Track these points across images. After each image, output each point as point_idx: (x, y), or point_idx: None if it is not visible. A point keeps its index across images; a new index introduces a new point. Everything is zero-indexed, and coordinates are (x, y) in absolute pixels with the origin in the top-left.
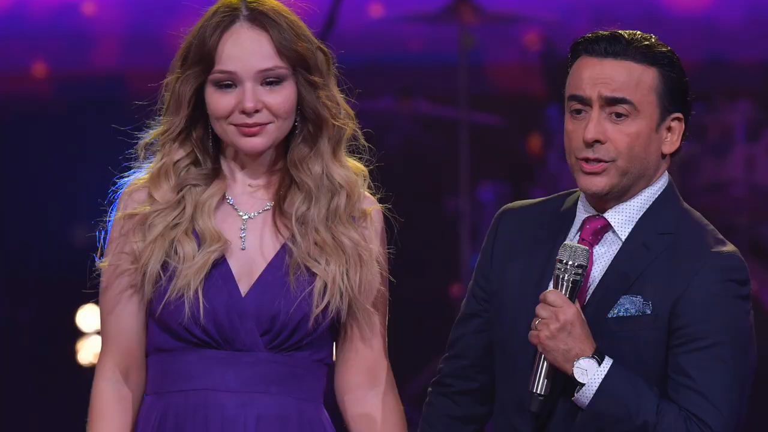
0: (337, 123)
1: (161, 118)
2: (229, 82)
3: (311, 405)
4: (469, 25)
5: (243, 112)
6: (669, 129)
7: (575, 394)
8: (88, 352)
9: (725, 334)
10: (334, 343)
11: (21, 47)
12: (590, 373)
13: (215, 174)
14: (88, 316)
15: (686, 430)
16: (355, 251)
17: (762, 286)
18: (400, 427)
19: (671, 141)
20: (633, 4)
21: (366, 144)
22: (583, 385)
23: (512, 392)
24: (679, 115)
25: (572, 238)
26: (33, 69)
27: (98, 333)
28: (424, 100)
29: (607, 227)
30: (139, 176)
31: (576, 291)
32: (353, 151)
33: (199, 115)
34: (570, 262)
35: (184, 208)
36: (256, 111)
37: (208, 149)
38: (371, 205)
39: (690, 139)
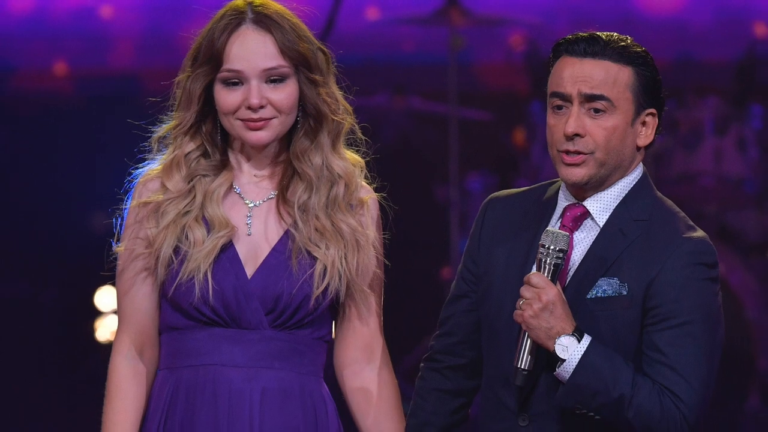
0: (336, 118)
1: (173, 113)
2: (236, 80)
3: (312, 379)
4: (458, 27)
5: (249, 107)
6: (643, 123)
7: (557, 369)
8: (105, 330)
9: (695, 314)
10: (334, 322)
11: (44, 48)
12: (570, 349)
13: (223, 165)
14: (105, 297)
15: (659, 402)
16: (353, 236)
17: (729, 269)
18: (394, 399)
19: (645, 134)
20: (610, 7)
21: (363, 137)
22: (563, 360)
23: (498, 367)
24: (653, 110)
25: (554, 225)
26: (55, 68)
27: (115, 312)
28: (416, 96)
29: (586, 214)
30: (152, 167)
31: (557, 273)
32: (351, 144)
33: (208, 110)
34: (552, 247)
35: (194, 197)
36: (261, 107)
37: (217, 142)
38: (368, 194)
39: (663, 133)
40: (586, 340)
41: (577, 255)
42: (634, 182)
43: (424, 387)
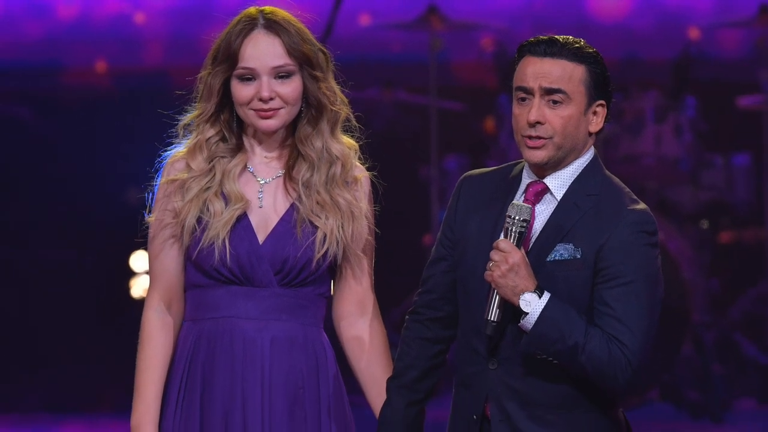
0: (334, 108)
1: (196, 104)
2: (250, 76)
3: (314, 329)
4: (438, 31)
5: (260, 99)
6: (594, 113)
7: (521, 321)
8: (138, 288)
9: (638, 274)
10: (332, 281)
11: (87, 49)
12: (533, 304)
13: (239, 148)
14: (139, 260)
15: (608, 348)
16: (349, 209)
17: (668, 236)
18: (383, 346)
19: (596, 122)
20: (566, 14)
21: (357, 125)
22: (527, 313)
23: (471, 319)
24: (603, 102)
25: (518, 198)
26: (96, 66)
27: (147, 273)
28: (402, 90)
29: (546, 190)
30: (179, 150)
31: (522, 240)
32: (347, 130)
33: (226, 102)
34: (517, 217)
35: (214, 175)
36: (271, 99)
37: (233, 129)
38: (361, 173)
39: (611, 120)
40: (546, 296)
41: (539, 224)
42: (587, 162)
43: (409, 336)
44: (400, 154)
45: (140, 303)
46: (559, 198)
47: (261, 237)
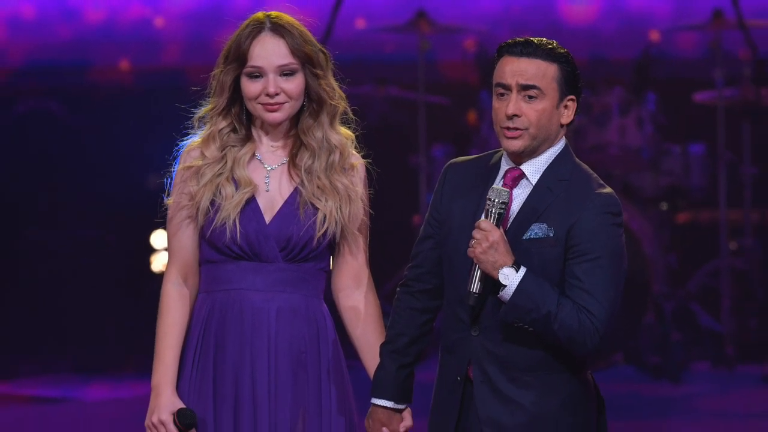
0: (333, 102)
1: (210, 99)
2: (257, 74)
3: (315, 300)
4: (426, 34)
5: (267, 95)
6: (566, 107)
7: (500, 293)
8: (158, 263)
9: (605, 250)
10: (331, 257)
11: (112, 49)
12: (510, 277)
13: (248, 138)
14: (158, 238)
15: (578, 317)
16: (346, 192)
17: (631, 217)
18: (376, 315)
19: (567, 115)
20: (541, 19)
21: (353, 117)
22: (505, 286)
23: (456, 291)
24: (573, 97)
25: (498, 183)
26: (120, 65)
27: (165, 250)
28: (394, 86)
29: (523, 175)
30: (194, 140)
31: (501, 220)
32: (344, 122)
33: (236, 97)
34: (496, 200)
35: (226, 162)
36: (276, 94)
37: (243, 121)
38: (357, 160)
39: (580, 113)
40: (522, 270)
41: (516, 206)
42: (559, 151)
43: (399, 306)
44: (391, 143)
45: (160, 277)
46: (534, 183)
47: (268, 217)
